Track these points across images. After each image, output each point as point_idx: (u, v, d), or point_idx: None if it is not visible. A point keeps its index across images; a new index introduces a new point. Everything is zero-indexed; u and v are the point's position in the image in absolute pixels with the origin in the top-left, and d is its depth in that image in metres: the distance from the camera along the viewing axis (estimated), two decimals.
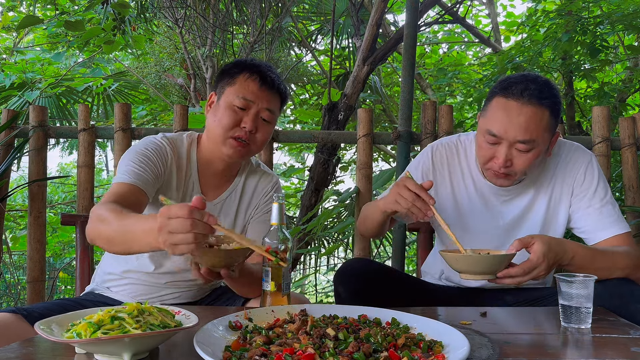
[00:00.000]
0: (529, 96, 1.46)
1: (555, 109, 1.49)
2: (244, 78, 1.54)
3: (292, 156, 6.93)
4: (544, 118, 1.47)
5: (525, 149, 1.48)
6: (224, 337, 1.02)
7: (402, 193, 1.45)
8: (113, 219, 1.27)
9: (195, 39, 4.52)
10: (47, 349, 1.02)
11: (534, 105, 1.46)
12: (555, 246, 1.37)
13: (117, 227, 1.26)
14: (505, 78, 1.56)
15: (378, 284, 1.52)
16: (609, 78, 5.18)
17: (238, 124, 1.53)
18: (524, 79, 1.50)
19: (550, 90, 1.49)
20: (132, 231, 1.22)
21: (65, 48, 5.19)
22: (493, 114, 1.51)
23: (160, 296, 1.62)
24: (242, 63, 1.59)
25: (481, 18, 7.03)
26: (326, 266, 4.72)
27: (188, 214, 1.04)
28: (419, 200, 1.42)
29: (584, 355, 1.03)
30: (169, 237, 1.06)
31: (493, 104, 1.52)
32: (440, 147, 1.75)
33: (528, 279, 1.35)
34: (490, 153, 1.53)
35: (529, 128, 1.46)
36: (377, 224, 1.65)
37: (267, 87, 1.55)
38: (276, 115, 1.60)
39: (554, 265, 1.39)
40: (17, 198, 5.70)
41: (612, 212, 1.58)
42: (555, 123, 1.52)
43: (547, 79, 1.54)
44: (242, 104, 1.52)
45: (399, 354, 0.91)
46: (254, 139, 1.55)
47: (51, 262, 4.60)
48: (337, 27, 4.71)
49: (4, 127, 2.51)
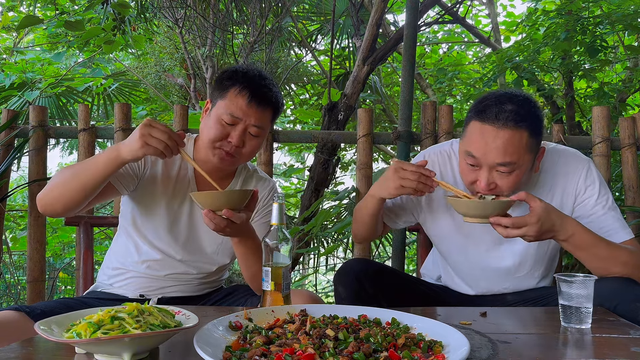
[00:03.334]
0: (504, 119, 1.41)
1: (534, 129, 1.45)
2: (234, 93, 1.56)
3: (292, 156, 6.93)
4: (522, 140, 1.43)
5: (507, 170, 1.45)
6: (224, 337, 1.02)
7: (404, 175, 1.47)
8: (65, 169, 1.50)
9: (195, 39, 4.53)
10: (47, 349, 1.02)
11: (510, 128, 1.41)
12: (555, 217, 1.37)
13: (71, 169, 1.47)
14: (481, 98, 1.51)
15: (378, 284, 1.52)
16: (608, 78, 5.18)
17: (225, 137, 1.56)
18: (499, 101, 1.44)
19: (527, 109, 1.44)
20: (91, 160, 1.44)
21: (65, 48, 5.19)
22: (470, 138, 1.48)
23: (161, 288, 1.65)
24: (235, 75, 1.59)
25: (481, 18, 7.03)
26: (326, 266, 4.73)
27: (164, 127, 1.36)
28: (422, 176, 1.46)
29: (584, 355, 1.03)
30: (146, 134, 1.35)
31: (470, 128, 1.49)
32: (433, 154, 1.72)
33: (516, 233, 1.36)
34: (472, 177, 1.50)
35: (507, 151, 1.42)
36: (372, 217, 1.64)
37: (256, 103, 1.56)
38: (266, 129, 1.62)
39: (546, 234, 1.38)
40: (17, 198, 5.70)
41: (616, 219, 1.55)
42: (537, 141, 1.48)
43: (525, 95, 1.49)
44: (230, 120, 1.55)
45: (399, 354, 0.91)
46: (240, 152, 1.59)
47: (51, 262, 4.60)
48: (337, 27, 4.71)
49: (4, 127, 2.51)
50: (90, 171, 1.43)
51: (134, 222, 1.66)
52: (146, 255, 1.64)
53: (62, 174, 1.48)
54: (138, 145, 1.36)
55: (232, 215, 1.33)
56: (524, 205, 1.49)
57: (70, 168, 1.49)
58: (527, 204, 1.40)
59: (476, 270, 1.68)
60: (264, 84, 1.59)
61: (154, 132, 1.37)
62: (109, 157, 1.42)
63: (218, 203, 1.33)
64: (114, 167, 1.43)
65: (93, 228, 2.06)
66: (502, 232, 1.37)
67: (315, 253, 3.69)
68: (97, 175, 1.43)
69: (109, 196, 1.63)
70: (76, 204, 1.47)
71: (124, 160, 1.42)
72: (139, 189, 1.64)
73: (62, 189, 1.45)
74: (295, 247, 3.26)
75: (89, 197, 1.48)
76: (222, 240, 1.68)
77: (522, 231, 1.35)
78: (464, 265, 1.70)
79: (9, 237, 4.62)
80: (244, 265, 1.56)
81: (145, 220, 1.65)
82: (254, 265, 1.53)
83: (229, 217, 1.33)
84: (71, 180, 1.44)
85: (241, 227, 1.41)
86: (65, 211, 1.48)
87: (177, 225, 1.65)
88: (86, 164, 1.46)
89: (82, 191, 1.44)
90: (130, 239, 1.67)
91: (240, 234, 1.47)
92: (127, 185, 1.60)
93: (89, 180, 1.43)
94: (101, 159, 1.43)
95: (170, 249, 1.65)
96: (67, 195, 1.45)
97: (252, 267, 1.54)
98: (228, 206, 1.33)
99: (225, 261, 1.72)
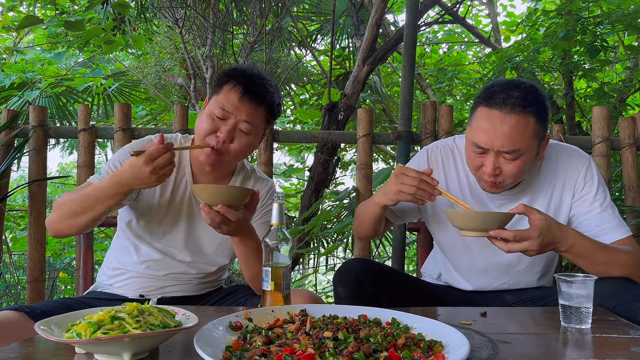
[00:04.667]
0: (511, 105, 1.43)
1: (541, 115, 1.46)
2: (228, 88, 1.57)
3: (292, 156, 6.93)
4: (528, 126, 1.44)
5: (512, 157, 1.46)
6: (224, 337, 1.02)
7: (404, 180, 1.46)
8: (73, 192, 1.53)
9: (195, 39, 4.52)
10: (47, 349, 1.02)
11: (517, 113, 1.43)
12: (556, 229, 1.36)
13: (78, 201, 1.48)
14: (488, 86, 1.53)
15: (378, 284, 1.52)
16: (608, 78, 5.18)
17: (214, 132, 1.56)
18: (506, 87, 1.46)
19: (534, 96, 1.45)
20: (99, 187, 1.47)
21: (65, 48, 5.19)
22: (477, 124, 1.49)
23: (161, 288, 1.65)
24: (233, 72, 1.60)
25: (481, 18, 7.03)
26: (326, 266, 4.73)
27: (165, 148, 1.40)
28: (423, 183, 1.44)
29: (584, 355, 1.03)
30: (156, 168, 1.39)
31: (477, 114, 1.50)
32: (436, 149, 1.73)
33: (518, 248, 1.34)
34: (478, 162, 1.52)
35: (513, 137, 1.43)
36: (374, 220, 1.64)
37: (249, 99, 1.56)
38: (258, 128, 1.61)
39: (548, 247, 1.37)
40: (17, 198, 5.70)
41: (613, 217, 1.56)
42: (543, 128, 1.49)
43: (532, 83, 1.50)
44: (220, 114, 1.55)
45: (399, 354, 0.91)
46: (227, 149, 1.58)
47: (51, 262, 4.60)
48: (337, 27, 4.71)
49: (4, 127, 2.51)
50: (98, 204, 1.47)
51: (132, 223, 1.66)
52: (145, 256, 1.65)
53: (68, 205, 1.50)
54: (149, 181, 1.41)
55: (227, 211, 1.33)
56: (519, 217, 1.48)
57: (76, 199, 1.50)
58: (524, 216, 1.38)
59: (476, 265, 1.69)
60: (260, 82, 1.59)
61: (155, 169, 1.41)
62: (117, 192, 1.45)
63: (213, 197, 1.33)
64: (123, 196, 1.48)
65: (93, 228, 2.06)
66: (503, 248, 1.34)
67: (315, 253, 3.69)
68: (108, 206, 1.48)
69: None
70: (87, 229, 1.57)
71: (131, 189, 1.46)
72: (139, 195, 1.65)
73: (72, 221, 1.50)
74: (295, 247, 3.26)
75: (100, 221, 1.55)
76: (221, 241, 1.68)
77: (524, 246, 1.33)
78: (464, 259, 1.71)
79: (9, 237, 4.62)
80: (244, 265, 1.56)
81: (144, 222, 1.65)
82: (254, 265, 1.53)
83: (224, 213, 1.33)
84: (82, 213, 1.48)
85: (240, 226, 1.41)
86: (78, 234, 1.69)
87: (176, 226, 1.65)
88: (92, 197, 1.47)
89: (93, 221, 1.51)
90: (129, 240, 1.67)
91: (239, 233, 1.47)
92: (130, 198, 1.61)
93: (99, 212, 1.49)
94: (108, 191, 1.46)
95: (169, 249, 1.65)
96: (79, 224, 1.51)
97: (253, 267, 1.54)
98: (223, 202, 1.33)
99: (224, 262, 1.72)
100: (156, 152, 1.39)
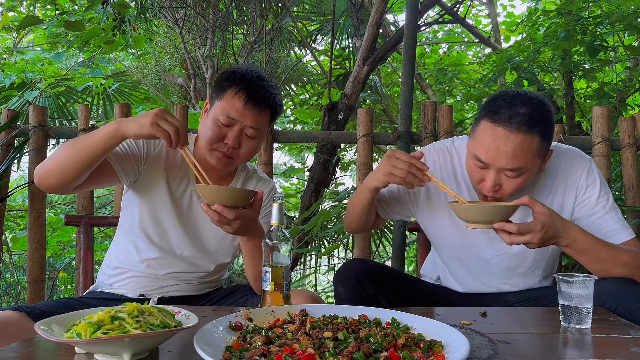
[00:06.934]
0: (517, 123, 1.38)
1: (546, 134, 1.43)
2: (231, 94, 1.56)
3: (292, 156, 6.93)
4: (533, 144, 1.40)
5: (514, 175, 1.44)
6: (224, 337, 1.02)
7: (396, 163, 1.45)
8: (65, 143, 1.49)
9: (195, 39, 4.52)
10: (47, 349, 1.02)
11: (523, 133, 1.38)
12: (559, 224, 1.35)
13: (70, 142, 1.46)
14: (494, 97, 1.48)
15: (378, 284, 1.51)
16: (608, 78, 5.18)
17: (222, 139, 1.57)
18: (512, 102, 1.41)
19: (541, 114, 1.41)
20: (91, 133, 1.43)
21: (65, 48, 5.19)
22: (480, 138, 1.45)
23: (161, 287, 1.66)
24: (234, 76, 1.59)
25: (481, 18, 7.04)
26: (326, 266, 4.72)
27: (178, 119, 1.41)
28: (413, 167, 1.43)
29: (584, 355, 1.03)
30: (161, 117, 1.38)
31: (481, 127, 1.46)
32: (434, 151, 1.71)
33: (520, 240, 1.33)
34: (479, 176, 1.49)
35: (516, 156, 1.40)
36: (363, 209, 1.62)
37: (253, 105, 1.56)
38: (263, 131, 1.62)
39: (549, 241, 1.36)
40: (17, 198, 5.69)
41: (617, 219, 1.55)
42: (547, 145, 1.46)
43: (540, 99, 1.45)
44: (226, 121, 1.56)
45: (399, 354, 0.91)
46: (237, 153, 1.60)
47: (51, 262, 4.60)
48: (337, 27, 4.71)
49: (4, 127, 2.51)
50: (87, 144, 1.43)
51: (133, 221, 1.66)
52: (145, 254, 1.64)
53: (61, 147, 1.47)
54: (148, 123, 1.37)
55: (223, 210, 1.34)
56: (522, 209, 1.48)
57: (69, 141, 1.48)
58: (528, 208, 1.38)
59: (476, 268, 1.68)
60: (262, 85, 1.59)
61: (168, 117, 1.40)
62: (109, 131, 1.41)
63: (211, 197, 1.34)
64: (113, 142, 1.43)
65: (93, 228, 2.05)
66: (506, 239, 1.33)
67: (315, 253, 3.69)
68: (95, 149, 1.42)
69: (105, 179, 1.59)
70: (71, 177, 1.45)
71: (124, 136, 1.41)
72: (139, 185, 1.65)
73: (58, 159, 1.44)
74: (295, 247, 3.26)
75: (84, 172, 1.45)
76: (222, 238, 1.68)
77: (526, 238, 1.33)
78: (463, 264, 1.70)
79: (9, 237, 4.61)
80: (249, 264, 1.57)
81: (144, 219, 1.65)
82: (259, 264, 1.53)
83: (220, 212, 1.34)
84: (68, 152, 1.43)
85: (246, 226, 1.41)
86: (60, 185, 1.46)
87: (177, 222, 1.65)
88: (85, 137, 1.45)
89: (77, 163, 1.42)
90: (129, 239, 1.67)
91: (246, 232, 1.48)
92: (127, 172, 1.59)
93: (86, 152, 1.42)
94: (100, 132, 1.43)
95: (170, 246, 1.65)
96: (62, 166, 1.43)
97: (258, 266, 1.54)
98: (223, 202, 1.33)
99: (225, 260, 1.73)
100: (172, 115, 1.41)
